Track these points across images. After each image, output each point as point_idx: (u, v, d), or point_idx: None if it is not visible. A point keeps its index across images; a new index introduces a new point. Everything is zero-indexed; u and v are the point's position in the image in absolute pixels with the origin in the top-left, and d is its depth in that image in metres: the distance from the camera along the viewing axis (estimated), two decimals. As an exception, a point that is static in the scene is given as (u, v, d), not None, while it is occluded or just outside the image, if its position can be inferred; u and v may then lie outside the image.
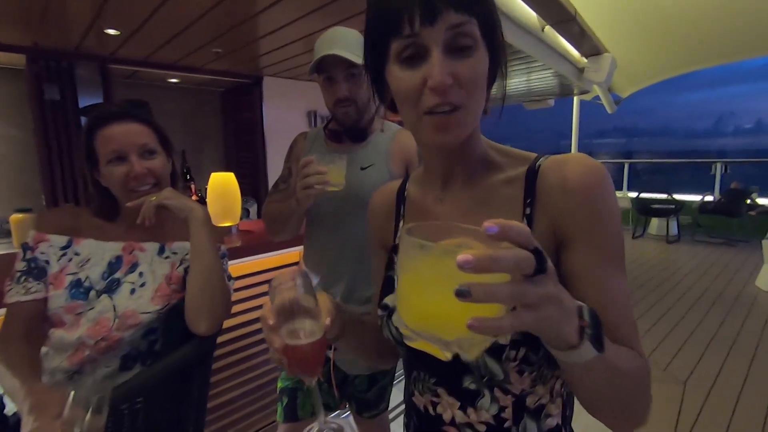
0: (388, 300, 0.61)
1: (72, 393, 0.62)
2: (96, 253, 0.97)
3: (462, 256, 0.29)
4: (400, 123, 1.46)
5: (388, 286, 0.63)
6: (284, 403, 1.17)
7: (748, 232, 6.37)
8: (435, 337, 0.34)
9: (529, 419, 0.54)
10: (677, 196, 6.74)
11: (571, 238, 0.50)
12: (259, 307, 1.69)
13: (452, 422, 0.57)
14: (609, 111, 5.41)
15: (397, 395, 1.35)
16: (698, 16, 3.32)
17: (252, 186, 4.43)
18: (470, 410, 0.56)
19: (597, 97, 5.28)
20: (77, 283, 0.93)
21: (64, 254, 0.95)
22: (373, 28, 0.51)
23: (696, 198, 7.40)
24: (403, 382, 0.69)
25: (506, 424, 0.54)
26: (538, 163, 0.54)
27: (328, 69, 1.07)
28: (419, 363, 0.60)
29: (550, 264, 0.33)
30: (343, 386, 1.22)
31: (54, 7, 2.32)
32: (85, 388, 0.90)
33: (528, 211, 0.53)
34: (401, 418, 1.95)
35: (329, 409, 1.22)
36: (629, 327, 0.48)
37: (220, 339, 1.13)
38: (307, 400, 1.18)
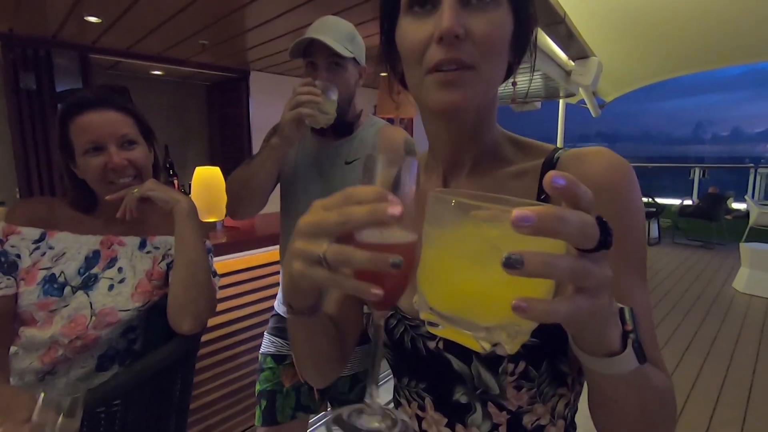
0: None
1: (42, 395, 0.58)
2: (72, 246, 0.92)
3: (520, 212, 0.23)
4: (390, 120, 1.44)
5: None
6: (263, 407, 1.13)
7: (725, 235, 6.57)
8: (470, 323, 0.29)
9: None
10: (658, 200, 6.91)
11: None
12: (245, 305, 1.65)
13: None
14: (594, 114, 5.49)
15: (381, 395, 1.32)
16: (681, 24, 3.39)
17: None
18: (459, 427, 0.51)
19: (582, 101, 5.36)
20: (51, 279, 0.88)
21: (37, 248, 0.90)
22: None
23: (675, 201, 7.60)
24: (389, 382, 0.66)
25: None
26: (556, 156, 0.49)
27: (312, 54, 1.04)
28: (407, 367, 0.56)
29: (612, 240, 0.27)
30: (323, 388, 1.18)
31: (31, -8, 2.23)
32: (57, 389, 0.85)
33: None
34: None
35: (310, 411, 1.18)
36: (654, 345, 0.44)
37: (202, 338, 1.09)
38: (287, 403, 1.14)
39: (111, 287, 0.91)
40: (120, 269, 0.93)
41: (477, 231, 0.27)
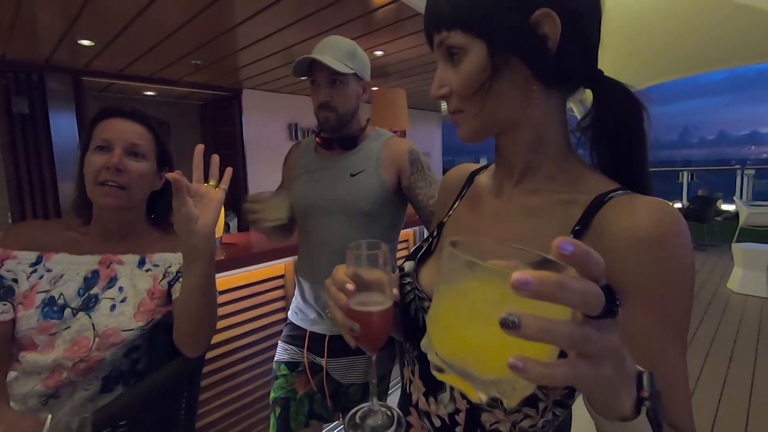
0: (406, 265, 0.62)
1: (50, 416, 0.58)
2: (70, 268, 0.91)
3: (519, 275, 0.23)
4: (394, 132, 1.46)
5: (415, 252, 0.64)
6: (277, 414, 1.14)
7: (716, 237, 6.65)
8: (469, 374, 0.29)
9: None
10: (649, 204, 6.99)
11: (628, 293, 0.41)
12: (246, 321, 1.64)
13: (416, 406, 0.58)
14: (583, 122, 5.59)
15: (391, 403, 1.31)
16: (661, 33, 3.50)
17: (232, 200, 4.32)
18: (431, 400, 0.56)
19: (570, 110, 5.46)
20: (50, 302, 0.87)
21: (34, 271, 0.89)
22: None
23: (667, 205, 7.67)
24: (398, 391, 0.67)
25: (457, 429, 0.52)
26: (609, 196, 0.47)
27: (314, 73, 1.10)
28: (409, 332, 0.60)
29: (620, 309, 0.27)
30: (336, 396, 1.18)
31: (24, 18, 2.25)
32: (62, 413, 0.84)
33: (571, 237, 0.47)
34: None
35: (323, 420, 1.18)
36: (685, 415, 0.41)
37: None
38: (300, 410, 1.14)
39: (113, 307, 0.90)
40: (121, 288, 0.93)
41: (481, 288, 0.28)
